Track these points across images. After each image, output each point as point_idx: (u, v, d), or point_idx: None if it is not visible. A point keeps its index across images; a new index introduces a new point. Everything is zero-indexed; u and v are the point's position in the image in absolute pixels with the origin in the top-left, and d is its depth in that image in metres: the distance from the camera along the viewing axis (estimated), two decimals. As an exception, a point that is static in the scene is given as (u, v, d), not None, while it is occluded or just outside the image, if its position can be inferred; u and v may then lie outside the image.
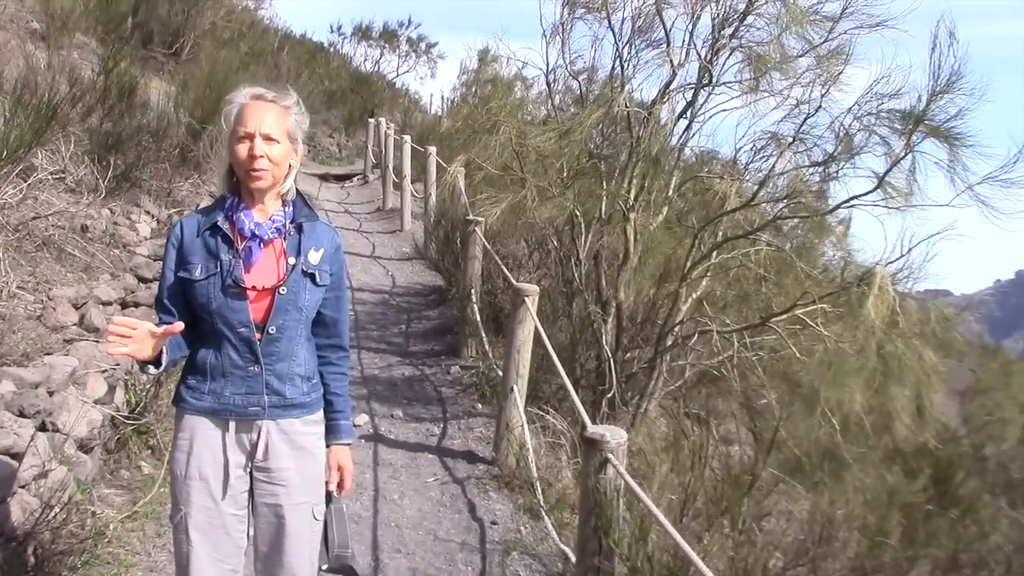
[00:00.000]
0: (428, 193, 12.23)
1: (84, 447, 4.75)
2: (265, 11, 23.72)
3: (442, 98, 25.33)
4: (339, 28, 30.61)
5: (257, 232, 2.68)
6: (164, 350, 2.59)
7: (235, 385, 2.70)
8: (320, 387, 2.87)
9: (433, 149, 12.54)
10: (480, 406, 6.80)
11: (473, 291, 7.71)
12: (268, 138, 2.62)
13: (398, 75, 30.28)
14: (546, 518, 4.69)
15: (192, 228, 2.71)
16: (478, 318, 7.51)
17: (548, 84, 7.35)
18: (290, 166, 2.73)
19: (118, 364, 5.49)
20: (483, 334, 7.35)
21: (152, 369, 2.64)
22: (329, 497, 2.91)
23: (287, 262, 2.71)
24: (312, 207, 2.89)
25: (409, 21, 30.40)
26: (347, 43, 30.15)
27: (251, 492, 2.79)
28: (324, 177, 18.58)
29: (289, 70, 21.39)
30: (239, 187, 2.73)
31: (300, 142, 2.75)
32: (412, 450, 6.01)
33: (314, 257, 2.75)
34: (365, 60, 30.07)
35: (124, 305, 6.50)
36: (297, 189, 2.83)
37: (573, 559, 4.03)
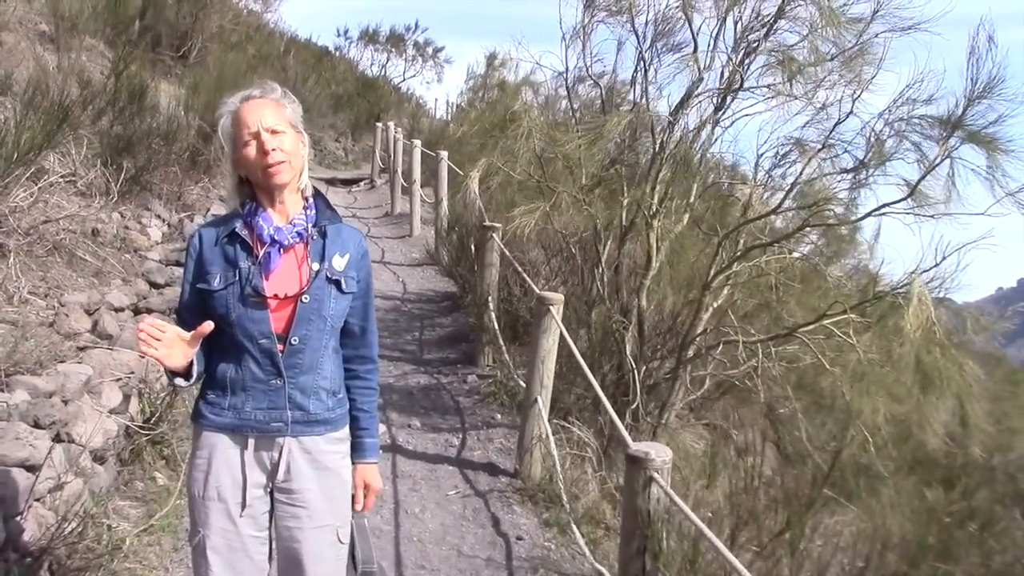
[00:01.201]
0: (439, 198, 12.11)
1: (98, 458, 4.63)
2: (271, 15, 23.64)
3: (447, 102, 25.25)
4: (346, 32, 30.59)
5: (276, 237, 2.55)
6: (194, 361, 2.48)
7: (256, 400, 2.57)
8: (346, 402, 2.74)
9: (444, 154, 12.43)
10: (499, 416, 6.67)
11: (490, 298, 7.58)
12: (274, 131, 2.50)
13: (404, 79, 30.25)
14: (577, 535, 4.56)
15: (211, 237, 2.59)
16: (496, 326, 7.38)
17: (568, 88, 7.24)
18: (303, 157, 2.61)
19: (132, 372, 5.37)
20: (501, 342, 7.22)
21: (182, 382, 2.52)
22: (351, 515, 2.78)
23: (310, 268, 2.57)
24: (335, 209, 2.75)
25: (416, 25, 30.38)
26: (354, 47, 30.11)
27: (271, 513, 2.66)
28: (331, 181, 18.48)
29: (296, 74, 21.33)
30: (254, 194, 2.60)
31: (303, 131, 2.63)
32: (431, 461, 5.87)
33: (339, 263, 2.62)
34: (372, 64, 30.04)
35: (136, 311, 6.38)
36: (317, 190, 2.70)
37: (610, 579, 3.91)
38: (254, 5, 22.11)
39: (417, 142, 14.06)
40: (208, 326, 2.44)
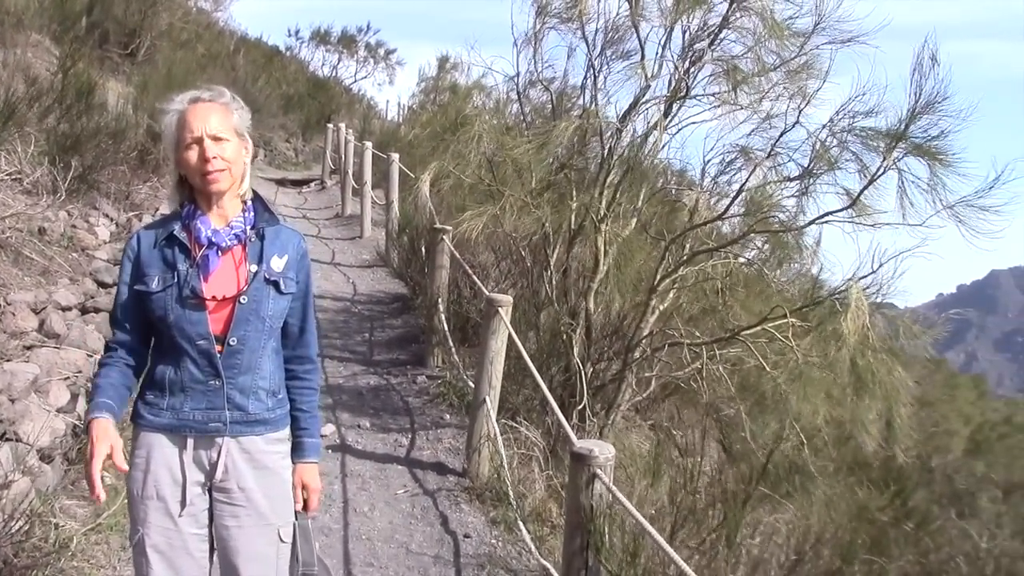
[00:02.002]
0: (390, 200, 12.14)
1: (45, 457, 4.61)
2: (222, 13, 23.44)
3: (399, 104, 25.23)
4: (297, 32, 30.41)
5: (214, 239, 2.58)
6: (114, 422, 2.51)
7: (195, 400, 2.58)
8: (286, 403, 2.76)
9: (396, 156, 12.46)
10: (448, 417, 6.74)
11: (440, 300, 7.65)
12: (217, 138, 2.52)
13: (356, 81, 30.15)
14: (524, 532, 4.64)
15: (149, 240, 2.61)
16: (446, 327, 7.45)
17: (518, 93, 7.34)
18: (244, 164, 2.63)
19: (80, 371, 5.35)
20: (451, 344, 7.29)
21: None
22: (295, 516, 2.80)
23: (248, 270, 2.60)
24: (273, 211, 2.78)
25: (368, 27, 30.30)
26: (305, 47, 29.94)
27: (211, 511, 2.67)
28: (281, 182, 18.39)
29: (247, 74, 21.17)
30: (193, 196, 2.62)
31: (248, 137, 2.65)
32: (380, 461, 5.92)
33: (277, 264, 2.65)
34: (323, 65, 29.89)
35: (84, 310, 6.34)
36: (256, 193, 2.73)
37: (555, 574, 3.99)
38: (204, 3, 21.92)
39: (368, 144, 14.08)
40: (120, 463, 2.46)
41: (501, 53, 7.03)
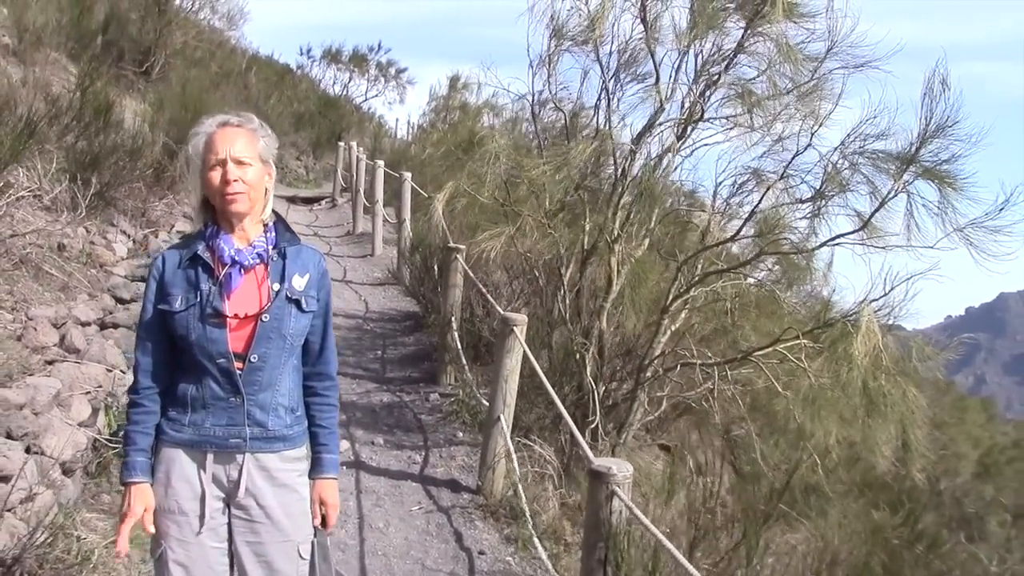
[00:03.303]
0: (402, 219, 12.22)
1: (67, 470, 4.68)
2: (234, 32, 23.62)
3: (408, 123, 25.34)
4: (308, 51, 30.60)
5: (237, 258, 2.64)
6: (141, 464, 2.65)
7: (216, 416, 2.65)
8: (304, 420, 2.82)
9: (408, 175, 12.56)
10: (461, 434, 6.79)
11: (453, 318, 7.71)
12: (240, 162, 2.59)
13: (367, 99, 30.30)
14: (540, 549, 4.69)
15: (174, 260, 2.67)
16: (459, 345, 7.51)
17: (533, 114, 7.43)
18: (266, 189, 2.69)
19: (100, 386, 5.42)
20: (464, 361, 7.35)
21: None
22: (313, 532, 2.84)
23: (270, 288, 2.66)
24: (294, 232, 2.84)
25: (379, 46, 30.45)
26: (316, 66, 30.13)
27: (230, 528, 2.72)
28: (292, 200, 18.50)
29: (259, 91, 21.34)
30: (216, 217, 2.69)
31: (272, 164, 2.72)
32: (395, 478, 5.97)
33: (299, 283, 2.71)
34: (334, 83, 30.07)
35: (103, 326, 6.42)
36: (277, 214, 2.79)
37: (572, 591, 4.04)
38: (218, 22, 22.08)
39: (380, 163, 14.18)
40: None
41: (512, 73, 7.15)
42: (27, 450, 4.25)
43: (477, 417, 6.88)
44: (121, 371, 5.75)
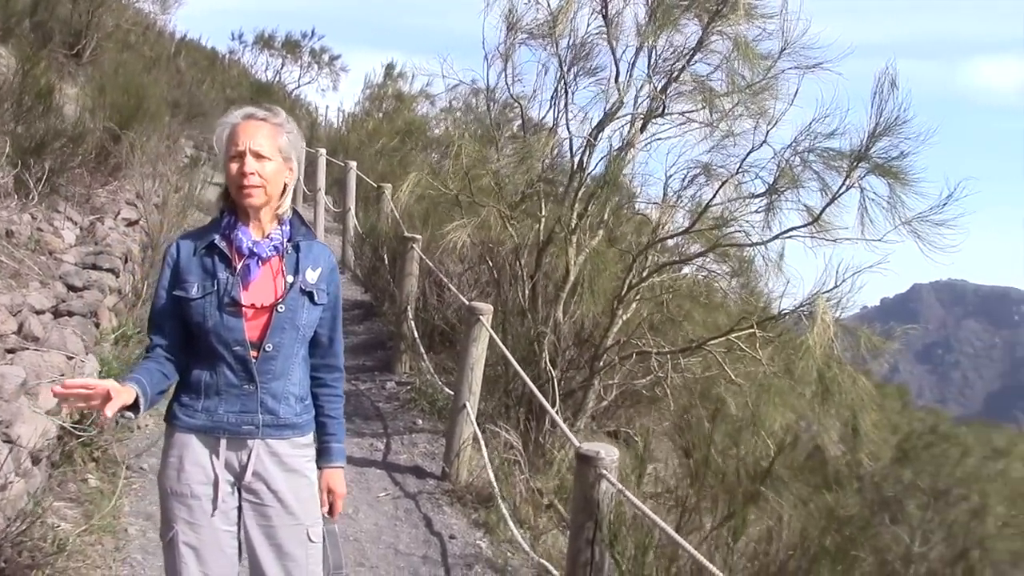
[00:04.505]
0: (347, 207, 12.19)
1: (34, 459, 4.63)
2: (167, 16, 23.12)
3: (340, 111, 25.11)
4: (240, 36, 30.04)
5: (255, 250, 2.69)
6: (141, 394, 2.54)
7: (229, 403, 2.70)
8: (312, 408, 2.88)
9: (354, 164, 12.53)
10: (421, 422, 6.87)
11: (409, 307, 7.77)
12: (259, 155, 2.63)
13: (299, 86, 29.92)
14: (516, 532, 4.80)
15: (188, 248, 2.72)
16: (415, 334, 7.58)
17: (488, 106, 7.50)
18: (285, 185, 2.73)
19: (63, 374, 5.36)
20: (421, 350, 7.42)
21: (130, 414, 2.57)
22: (322, 518, 2.90)
23: (285, 280, 2.72)
24: (309, 227, 2.92)
25: (313, 32, 30.04)
26: (248, 52, 29.63)
27: (240, 511, 2.77)
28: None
29: (192, 77, 20.95)
30: (235, 207, 2.73)
31: (295, 160, 2.77)
32: (359, 465, 6.03)
33: (312, 276, 2.77)
34: (267, 69, 29.60)
35: (57, 314, 6.33)
36: (294, 208, 2.84)
37: (555, 573, 4.16)
38: (150, 6, 21.59)
39: (322, 151, 14.10)
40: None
41: (450, 61, 7.16)
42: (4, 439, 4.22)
43: (435, 405, 6.97)
44: (81, 360, 5.70)
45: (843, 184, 5.51)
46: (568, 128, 6.74)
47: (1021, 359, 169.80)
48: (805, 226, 5.82)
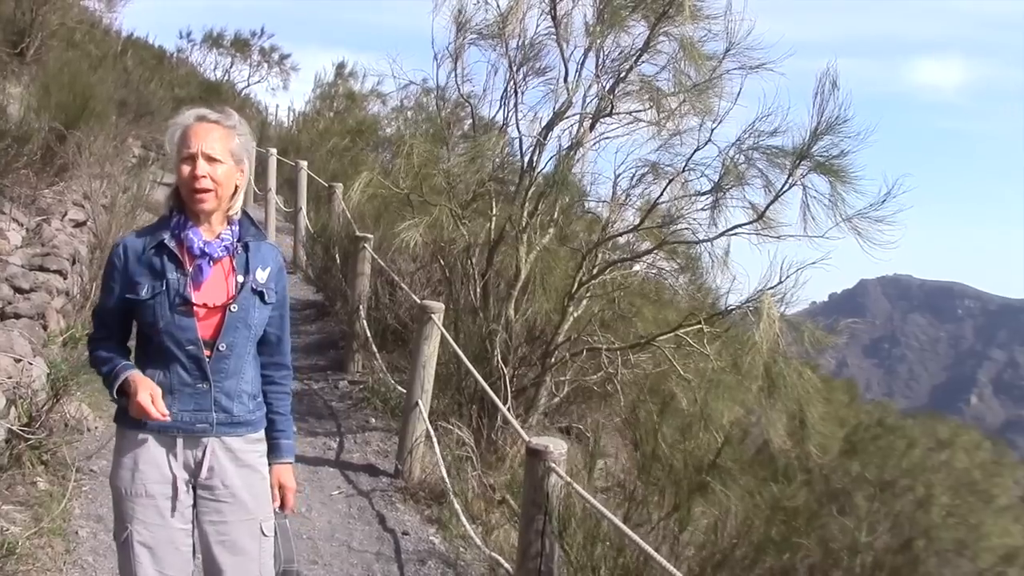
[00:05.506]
0: (298, 207, 12.16)
1: (-18, 463, 4.60)
2: (114, 15, 22.74)
3: (291, 110, 24.89)
4: (188, 34, 29.62)
5: (207, 250, 2.71)
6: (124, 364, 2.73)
7: (183, 402, 2.72)
8: (263, 406, 2.92)
9: (304, 163, 12.49)
10: (374, 420, 6.90)
11: (361, 307, 7.79)
12: (211, 159, 2.64)
13: (249, 85, 29.59)
14: (469, 527, 4.86)
15: (137, 248, 2.72)
16: (367, 333, 7.60)
17: (438, 105, 7.54)
18: (236, 187, 2.76)
19: (10, 377, 5.32)
20: (374, 349, 7.45)
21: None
22: (274, 512, 2.95)
23: (236, 280, 2.76)
24: (259, 227, 2.95)
25: (262, 31, 29.70)
26: (196, 50, 29.23)
27: (195, 508, 2.80)
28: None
29: (139, 76, 20.67)
30: (184, 206, 2.74)
31: (246, 162, 2.80)
32: (312, 464, 6.05)
33: (261, 275, 2.81)
34: (215, 68, 29.22)
35: (3, 316, 6.27)
36: (243, 209, 2.86)
37: (507, 566, 4.23)
38: (97, 4, 21.25)
39: (273, 150, 14.02)
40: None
41: (400, 61, 7.19)
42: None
43: (388, 403, 7.00)
44: (29, 362, 5.65)
45: (786, 182, 5.65)
46: (518, 128, 6.82)
47: (965, 352, 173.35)
48: (750, 223, 5.94)
